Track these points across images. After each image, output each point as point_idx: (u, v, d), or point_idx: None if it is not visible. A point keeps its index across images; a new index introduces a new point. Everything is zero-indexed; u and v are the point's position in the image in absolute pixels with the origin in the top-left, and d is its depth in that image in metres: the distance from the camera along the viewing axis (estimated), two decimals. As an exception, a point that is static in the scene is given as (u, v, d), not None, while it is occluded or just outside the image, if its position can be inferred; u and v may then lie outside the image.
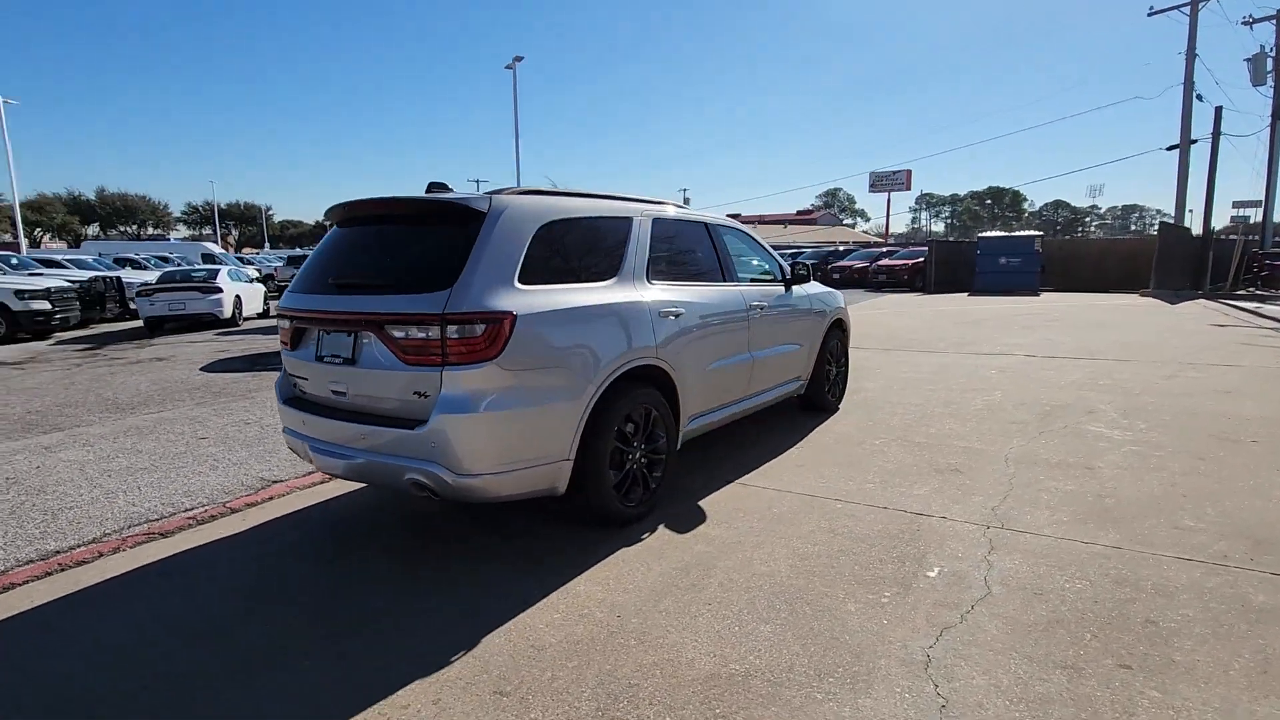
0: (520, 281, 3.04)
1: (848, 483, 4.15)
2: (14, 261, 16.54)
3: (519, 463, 3.00)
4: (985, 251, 22.56)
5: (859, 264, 26.70)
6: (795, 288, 5.29)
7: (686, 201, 75.66)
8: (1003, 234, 26.17)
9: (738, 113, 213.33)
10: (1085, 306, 16.20)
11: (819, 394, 5.74)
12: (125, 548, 3.45)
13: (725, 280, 4.47)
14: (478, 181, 66.60)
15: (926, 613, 2.65)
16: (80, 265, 18.17)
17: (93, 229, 69.15)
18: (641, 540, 3.37)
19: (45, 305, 13.16)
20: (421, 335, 2.85)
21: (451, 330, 2.82)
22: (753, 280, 4.89)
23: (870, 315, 14.90)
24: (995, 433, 5.18)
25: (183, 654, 2.51)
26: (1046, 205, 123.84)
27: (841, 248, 37.99)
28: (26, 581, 3.11)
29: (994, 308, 16.26)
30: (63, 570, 3.21)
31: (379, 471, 3.05)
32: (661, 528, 3.52)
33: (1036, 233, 24.81)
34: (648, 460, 3.68)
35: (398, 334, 2.91)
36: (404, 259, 3.12)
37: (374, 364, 3.03)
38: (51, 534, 3.62)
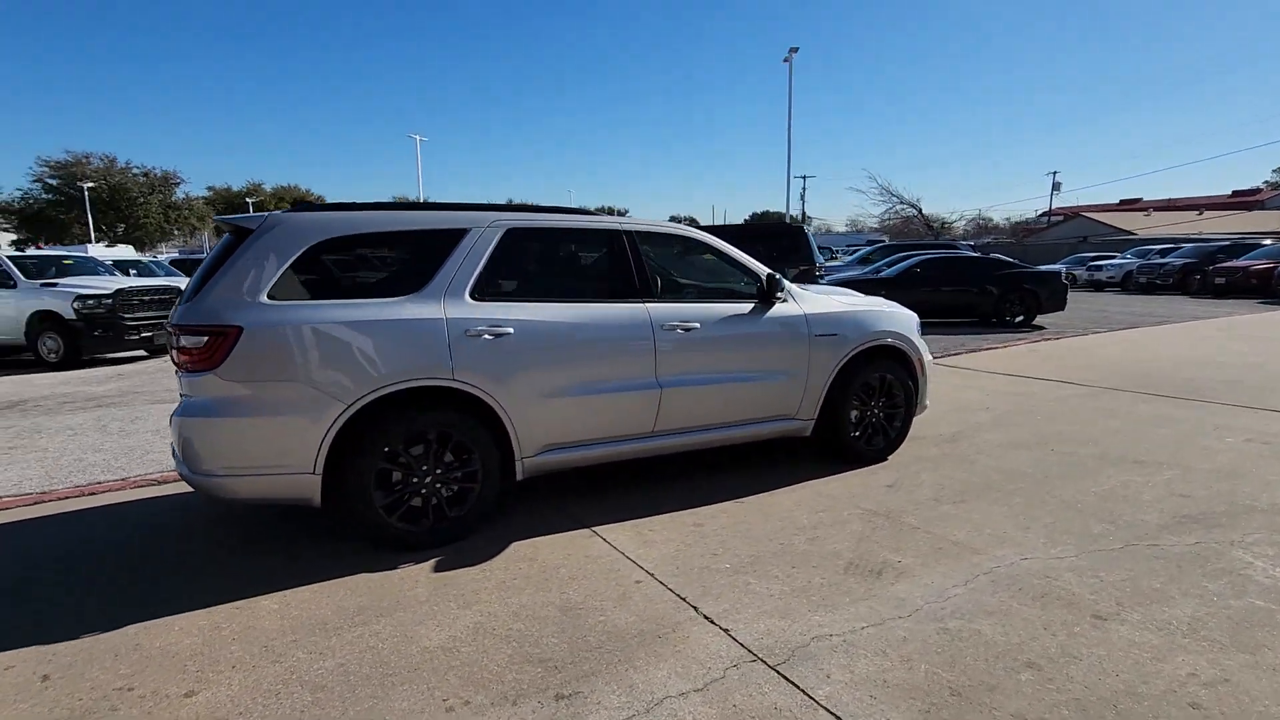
0: (272, 296, 3.15)
1: (706, 558, 3.30)
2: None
3: (250, 469, 3.14)
4: None
5: (1260, 265, 19.39)
6: (781, 307, 4.28)
7: (1056, 187, 63.15)
8: None
9: (1129, 61, 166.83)
10: None
11: (838, 440, 4.55)
12: (52, 500, 4.29)
13: (628, 297, 3.87)
14: (805, 178, 66.26)
15: (459, 742, 2.06)
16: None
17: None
18: (393, 569, 3.22)
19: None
20: (175, 343, 3.18)
21: (181, 339, 3.10)
22: (694, 297, 4.14)
23: (1184, 337, 10.83)
24: (1046, 532, 3.51)
25: None
26: None
27: (1268, 242, 27.88)
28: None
29: None
30: (13, 508, 4.21)
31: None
32: (429, 561, 3.30)
33: None
34: (457, 487, 3.48)
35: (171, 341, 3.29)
36: (202, 274, 3.48)
37: (180, 367, 3.47)
38: (58, 478, 4.74)
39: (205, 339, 3.06)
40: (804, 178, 69.08)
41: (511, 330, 3.49)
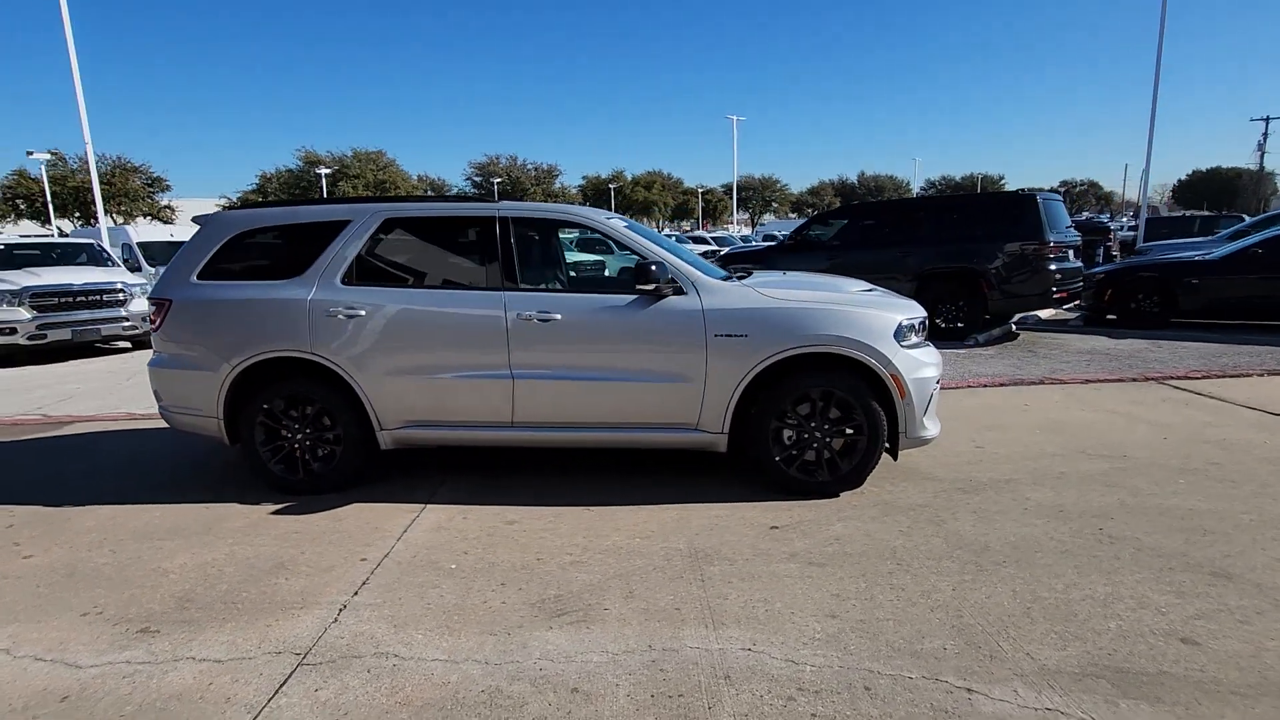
0: (200, 277, 4.04)
1: (455, 556, 3.24)
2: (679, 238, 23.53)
3: (182, 409, 4.11)
4: None
5: None
6: (674, 300, 3.72)
7: None
8: None
9: None
10: None
11: (759, 462, 3.81)
12: (43, 426, 5.93)
13: (488, 283, 3.84)
14: (1266, 120, 49.57)
15: None
16: (721, 241, 24.11)
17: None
18: (254, 505, 3.88)
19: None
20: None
21: (149, 307, 4.17)
22: (568, 286, 3.87)
23: None
24: (843, 630, 2.56)
25: None
26: None
27: None
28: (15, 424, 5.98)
29: None
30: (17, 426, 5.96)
31: None
32: (281, 504, 3.87)
33: None
34: (328, 448, 4.01)
35: (167, 309, 4.42)
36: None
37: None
38: (67, 406, 6.45)
39: (154, 308, 4.09)
40: (1265, 119, 52.20)
41: (364, 312, 3.83)
